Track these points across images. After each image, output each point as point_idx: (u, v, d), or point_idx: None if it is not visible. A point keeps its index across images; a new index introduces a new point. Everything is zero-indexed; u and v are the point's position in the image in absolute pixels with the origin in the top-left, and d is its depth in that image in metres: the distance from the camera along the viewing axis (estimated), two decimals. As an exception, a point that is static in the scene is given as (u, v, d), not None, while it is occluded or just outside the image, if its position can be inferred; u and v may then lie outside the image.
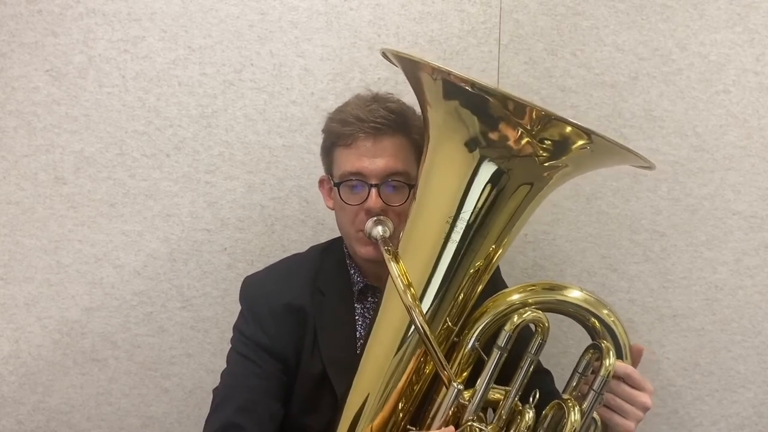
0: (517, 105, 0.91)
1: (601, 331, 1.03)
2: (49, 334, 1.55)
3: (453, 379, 0.96)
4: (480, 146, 0.97)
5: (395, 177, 1.15)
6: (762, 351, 1.63)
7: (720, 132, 1.55)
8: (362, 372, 1.08)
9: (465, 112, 0.97)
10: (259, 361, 1.19)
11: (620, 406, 1.01)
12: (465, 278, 1.02)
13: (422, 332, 0.94)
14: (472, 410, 0.99)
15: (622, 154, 0.94)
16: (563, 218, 1.60)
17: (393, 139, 1.16)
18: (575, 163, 0.98)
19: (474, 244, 1.00)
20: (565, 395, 1.03)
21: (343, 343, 1.22)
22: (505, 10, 1.53)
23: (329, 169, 1.23)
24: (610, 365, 0.98)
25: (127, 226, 1.54)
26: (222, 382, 1.22)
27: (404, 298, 0.96)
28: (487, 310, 1.04)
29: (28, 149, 1.49)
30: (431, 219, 1.03)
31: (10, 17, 1.45)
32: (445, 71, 0.94)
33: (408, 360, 1.03)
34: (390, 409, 1.04)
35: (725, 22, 1.52)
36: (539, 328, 1.01)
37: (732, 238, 1.59)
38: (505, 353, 1.00)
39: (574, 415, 0.98)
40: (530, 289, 1.05)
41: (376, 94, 1.22)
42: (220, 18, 1.49)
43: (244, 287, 1.28)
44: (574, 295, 1.04)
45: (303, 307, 1.21)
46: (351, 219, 1.18)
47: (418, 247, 1.04)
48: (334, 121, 1.19)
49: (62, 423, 1.59)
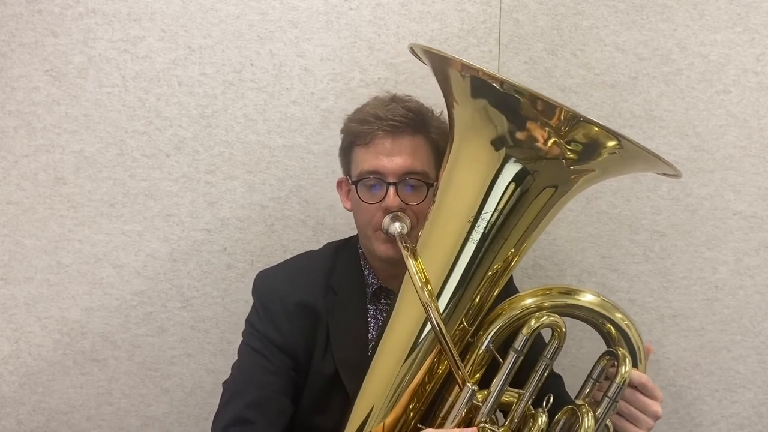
0: (547, 105, 0.90)
1: (616, 338, 1.02)
2: (49, 334, 1.55)
3: (467, 380, 0.95)
4: (507, 145, 0.96)
5: (413, 176, 1.15)
6: (762, 351, 1.63)
7: (720, 132, 1.55)
8: (375, 369, 1.07)
9: (493, 111, 0.95)
10: (270, 356, 1.19)
11: (633, 415, 1.01)
12: (483, 279, 1.01)
13: (438, 330, 0.93)
14: (485, 412, 0.98)
15: (650, 160, 0.92)
16: (563, 218, 1.60)
17: (411, 138, 1.16)
18: (602, 167, 0.96)
19: (494, 244, 0.99)
20: (578, 401, 1.02)
21: (355, 344, 1.22)
22: (505, 10, 1.53)
23: (347, 170, 1.23)
24: (626, 373, 0.97)
25: (127, 226, 1.54)
26: (232, 376, 1.22)
27: (421, 295, 0.95)
28: (502, 312, 1.03)
29: (28, 149, 1.49)
30: (452, 217, 1.02)
31: (10, 17, 1.45)
32: (475, 68, 0.93)
33: (422, 358, 1.02)
34: (402, 407, 1.03)
35: (725, 22, 1.52)
36: (556, 333, 1.00)
37: (732, 238, 1.59)
38: (522, 356, 0.99)
39: (587, 422, 0.97)
40: (546, 293, 1.04)
41: (395, 95, 1.22)
42: (220, 18, 1.49)
43: (258, 282, 1.27)
44: (588, 298, 1.03)
45: (315, 306, 1.21)
46: (369, 218, 1.17)
47: (438, 245, 1.03)
48: (353, 120, 1.20)
49: (62, 423, 1.59)
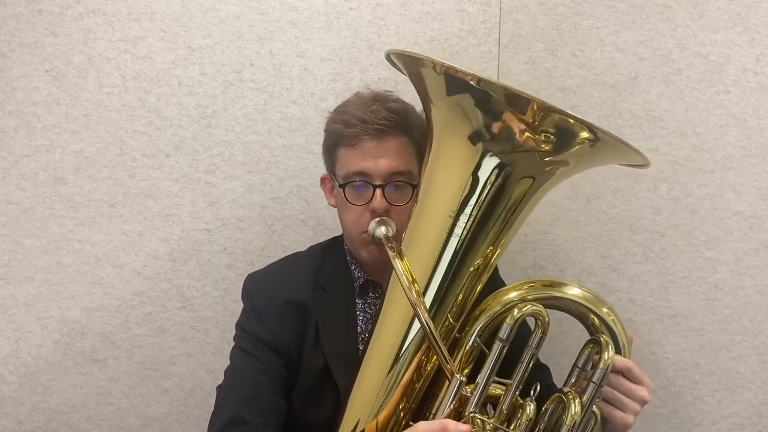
0: (520, 99, 0.93)
1: (600, 328, 1.05)
2: (49, 334, 1.55)
3: (455, 371, 0.98)
4: (483, 140, 0.98)
5: (398, 177, 1.16)
6: (762, 351, 1.63)
7: (720, 132, 1.55)
8: (366, 369, 1.09)
9: (468, 107, 0.98)
10: (261, 356, 1.20)
11: (619, 400, 1.02)
12: (467, 273, 1.03)
13: (427, 327, 0.96)
14: (474, 402, 1.00)
15: (621, 149, 0.96)
16: (563, 218, 1.60)
17: (395, 139, 1.17)
18: (575, 159, 1.00)
19: (476, 238, 1.01)
20: (565, 388, 1.04)
21: (344, 337, 1.23)
22: (505, 10, 1.53)
23: (332, 168, 1.24)
24: (609, 358, 1.00)
25: (127, 226, 1.54)
26: (225, 379, 1.22)
27: (409, 294, 0.98)
28: (488, 306, 1.05)
29: (28, 149, 1.49)
30: (434, 214, 1.04)
31: (10, 17, 1.45)
32: (449, 66, 0.95)
33: (412, 356, 1.04)
34: (394, 405, 1.05)
35: (725, 22, 1.52)
36: (539, 322, 1.02)
37: (732, 238, 1.59)
38: (507, 345, 1.01)
39: (574, 408, 0.99)
40: (530, 286, 1.06)
41: (377, 93, 1.22)
42: (220, 18, 1.49)
43: (247, 285, 1.28)
44: (574, 292, 1.05)
45: (305, 302, 1.22)
46: (355, 220, 1.19)
47: (421, 242, 1.05)
48: (337, 122, 1.20)
49: (62, 423, 1.59)
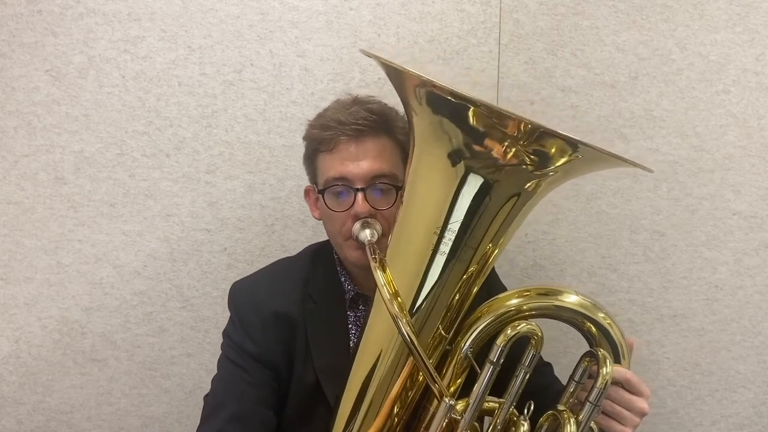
0: (501, 116, 0.86)
1: (597, 337, 1.00)
2: (49, 334, 1.55)
3: (445, 393, 0.93)
4: (464, 157, 0.93)
5: (381, 179, 1.11)
6: (762, 351, 1.63)
7: (720, 132, 1.55)
8: (353, 382, 1.05)
9: (448, 123, 0.92)
10: (248, 368, 1.17)
11: (618, 413, 0.99)
12: (455, 289, 0.98)
13: (409, 342, 0.91)
14: (464, 425, 0.96)
15: (614, 160, 0.90)
16: (563, 218, 1.60)
17: (376, 140, 1.12)
18: (565, 170, 0.94)
19: (464, 255, 0.96)
20: (560, 406, 1.00)
21: (336, 351, 1.18)
22: (505, 10, 1.53)
23: (314, 178, 1.20)
24: (607, 374, 0.95)
25: (127, 226, 1.54)
26: (213, 389, 1.20)
27: (390, 307, 0.93)
28: (480, 316, 1.01)
29: (28, 149, 1.49)
30: (418, 229, 0.99)
31: (10, 17, 1.45)
32: (426, 81, 0.88)
33: (399, 369, 1.00)
34: (384, 417, 1.02)
35: (725, 22, 1.52)
36: (533, 340, 0.98)
37: (732, 238, 1.59)
38: (498, 368, 0.96)
39: (569, 427, 0.95)
40: (525, 294, 1.01)
41: (356, 97, 1.19)
42: (220, 18, 1.49)
43: (232, 294, 1.24)
44: (570, 299, 1.00)
45: (293, 314, 1.18)
46: (339, 227, 1.14)
47: (406, 257, 1.00)
48: (315, 127, 1.16)
49: (62, 423, 1.59)
